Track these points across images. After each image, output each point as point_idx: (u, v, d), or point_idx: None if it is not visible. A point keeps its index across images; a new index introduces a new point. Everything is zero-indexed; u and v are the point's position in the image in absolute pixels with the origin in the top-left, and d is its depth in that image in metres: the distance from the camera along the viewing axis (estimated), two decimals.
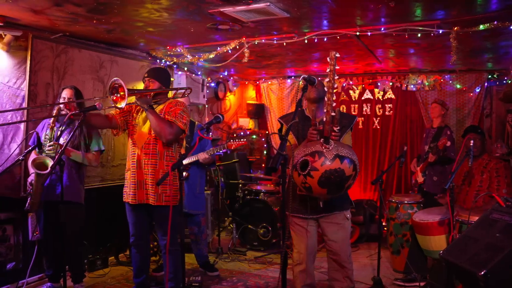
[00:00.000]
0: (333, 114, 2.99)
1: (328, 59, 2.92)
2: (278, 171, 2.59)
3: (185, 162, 4.52)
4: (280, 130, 3.50)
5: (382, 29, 4.21)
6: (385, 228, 5.22)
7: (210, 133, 4.82)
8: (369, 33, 4.29)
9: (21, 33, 4.06)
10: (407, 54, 5.48)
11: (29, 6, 3.56)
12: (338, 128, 3.07)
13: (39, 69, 4.28)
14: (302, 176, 2.97)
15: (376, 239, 4.56)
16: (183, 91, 3.93)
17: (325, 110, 2.96)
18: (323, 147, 2.96)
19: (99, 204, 4.99)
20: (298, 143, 3.33)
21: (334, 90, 3.18)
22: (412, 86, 6.61)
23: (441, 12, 3.77)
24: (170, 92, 4.14)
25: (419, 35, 4.20)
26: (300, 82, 3.12)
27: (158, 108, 3.60)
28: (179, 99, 3.81)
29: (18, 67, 4.17)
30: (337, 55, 3.05)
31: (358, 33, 4.32)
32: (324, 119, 2.95)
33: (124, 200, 3.67)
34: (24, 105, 4.19)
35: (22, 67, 4.18)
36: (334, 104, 2.98)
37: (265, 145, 7.66)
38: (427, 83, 6.52)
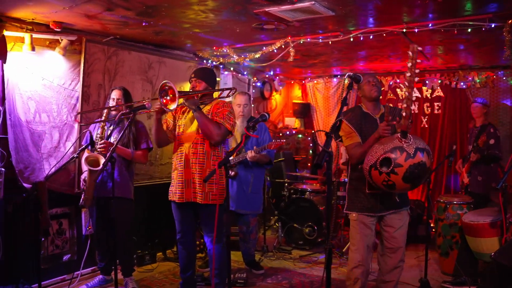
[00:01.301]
0: (413, 108, 2.95)
1: (409, 52, 2.86)
2: (323, 168, 2.59)
3: (234, 160, 4.55)
4: (338, 127, 3.44)
5: (430, 25, 4.10)
6: (433, 229, 5.10)
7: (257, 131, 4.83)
8: (416, 30, 4.19)
9: (75, 38, 4.25)
10: (456, 50, 5.33)
11: (84, 12, 3.73)
12: (411, 121, 3.07)
13: (91, 71, 4.47)
14: (384, 174, 2.93)
15: (423, 240, 4.46)
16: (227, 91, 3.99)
17: (404, 105, 2.88)
18: (403, 142, 2.91)
19: (148, 201, 5.15)
20: (362, 140, 3.30)
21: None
22: (462, 83, 6.41)
23: (494, 5, 3.64)
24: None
25: (469, 30, 4.06)
26: (346, 80, 3.11)
27: (205, 109, 3.67)
28: (225, 100, 3.87)
29: (73, 69, 4.37)
30: (419, 48, 3.01)
31: (404, 30, 4.24)
32: (404, 113, 2.88)
33: (169, 198, 3.77)
34: (78, 105, 4.38)
35: (76, 70, 4.38)
36: (414, 98, 2.93)
37: (310, 144, 7.64)
38: (478, 80, 6.30)
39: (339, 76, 7.42)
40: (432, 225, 5.18)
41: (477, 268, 4.24)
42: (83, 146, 3.75)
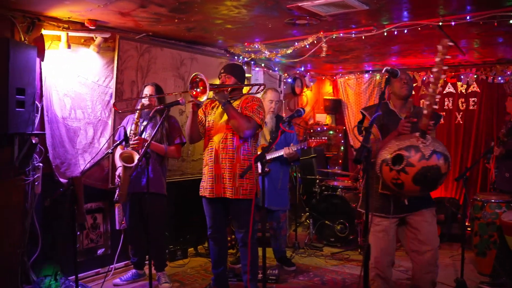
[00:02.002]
0: (435, 106, 2.79)
1: (439, 47, 2.75)
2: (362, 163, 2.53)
3: (268, 157, 4.56)
4: (361, 121, 3.38)
5: (468, 17, 3.97)
6: (469, 228, 4.96)
7: (292, 127, 4.82)
8: (453, 23, 4.07)
9: (109, 35, 4.31)
10: (494, 43, 5.16)
11: (117, 9, 3.77)
12: (433, 122, 2.93)
13: (125, 68, 4.52)
14: (394, 172, 2.83)
15: (458, 239, 4.35)
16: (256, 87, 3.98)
17: (427, 103, 2.77)
18: (420, 142, 2.81)
19: (179, 197, 5.19)
20: (381, 136, 3.21)
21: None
22: (499, 78, 6.21)
23: None
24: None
25: (510, 21, 3.92)
26: (378, 76, 3.03)
27: (235, 104, 3.67)
28: (254, 95, 3.86)
29: (107, 66, 4.43)
30: (450, 44, 2.84)
31: (441, 24, 4.12)
32: (425, 111, 2.77)
33: (200, 194, 3.78)
34: (111, 102, 4.44)
35: (110, 67, 4.44)
36: (438, 97, 2.81)
37: (342, 141, 7.56)
38: None
39: (370, 72, 7.30)
40: (467, 223, 5.04)
41: None
42: (117, 142, 3.79)
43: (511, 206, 4.42)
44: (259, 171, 4.53)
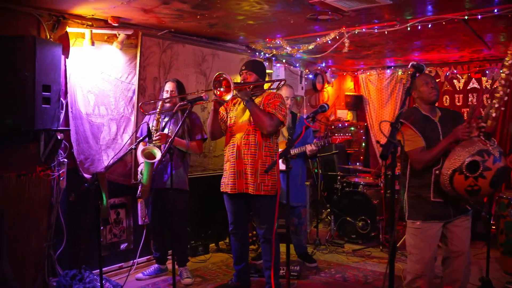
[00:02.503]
0: (503, 108, 2.82)
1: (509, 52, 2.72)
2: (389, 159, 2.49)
3: (292, 153, 4.56)
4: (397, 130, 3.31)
5: (495, 10, 3.88)
6: (494, 227, 4.87)
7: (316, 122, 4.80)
8: (479, 16, 3.98)
9: (132, 32, 4.35)
10: None
11: (140, 6, 3.80)
12: (495, 123, 2.93)
13: (147, 65, 4.56)
14: (471, 179, 2.81)
15: (482, 237, 4.27)
16: (277, 83, 3.98)
17: (496, 105, 2.77)
18: (488, 145, 2.81)
19: (201, 193, 5.22)
20: (427, 145, 3.11)
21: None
22: None
23: None
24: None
25: None
26: (399, 72, 2.98)
27: (257, 100, 3.68)
28: (276, 92, 3.85)
29: (129, 63, 4.47)
30: None
31: (466, 17, 4.04)
32: (494, 114, 2.77)
33: (222, 190, 3.80)
34: (134, 98, 4.49)
35: (133, 63, 4.48)
36: (506, 98, 2.80)
37: (363, 137, 7.50)
38: None
39: (392, 68, 7.21)
40: (492, 222, 4.95)
41: None
42: (141, 138, 3.83)
43: None
44: (281, 168, 4.56)
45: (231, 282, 4.04)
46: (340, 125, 7.35)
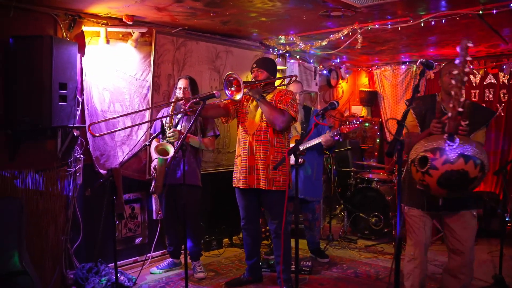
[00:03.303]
0: (460, 110, 2.66)
1: (457, 48, 2.64)
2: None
3: (303, 147, 4.58)
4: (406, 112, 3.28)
5: (511, 5, 3.85)
6: (509, 224, 4.84)
7: (325, 119, 4.81)
8: (494, 11, 3.92)
9: (146, 30, 4.41)
10: None
11: (154, 4, 3.86)
12: (467, 122, 2.81)
13: (161, 62, 4.62)
14: (420, 173, 2.81)
15: (497, 234, 4.24)
16: (288, 79, 4.00)
17: (450, 105, 2.69)
18: (446, 144, 2.73)
19: (215, 189, 5.28)
20: (420, 131, 3.16)
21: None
22: None
23: None
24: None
25: None
26: (415, 67, 2.95)
27: (268, 97, 3.72)
28: (287, 88, 3.89)
29: (144, 60, 4.54)
30: (470, 44, 2.65)
31: (481, 12, 4.00)
32: (450, 114, 2.69)
33: (234, 185, 3.86)
34: (149, 95, 4.56)
35: (147, 61, 4.55)
36: (462, 99, 2.65)
37: (377, 133, 7.47)
38: None
39: (407, 63, 7.16)
40: (508, 219, 4.91)
41: None
42: (154, 135, 3.90)
43: None
44: (292, 162, 4.60)
45: (243, 277, 4.09)
46: (354, 121, 7.30)
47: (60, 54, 3.59)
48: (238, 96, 3.39)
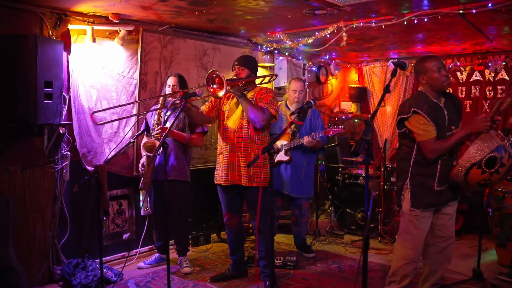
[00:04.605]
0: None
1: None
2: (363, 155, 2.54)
3: (290, 146, 4.64)
4: (406, 119, 3.18)
5: (489, 5, 3.88)
6: (490, 220, 4.92)
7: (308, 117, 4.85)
8: (474, 11, 3.99)
9: (133, 28, 4.46)
10: None
11: (139, 3, 3.90)
12: None
13: (148, 59, 4.67)
14: (487, 174, 2.91)
15: (483, 229, 4.33)
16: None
17: (510, 99, 2.82)
18: (505, 141, 2.90)
19: (203, 184, 5.33)
20: (438, 135, 3.08)
21: None
22: None
23: None
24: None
25: None
26: (393, 65, 2.97)
27: (249, 95, 3.78)
28: (268, 87, 3.95)
29: (131, 58, 4.59)
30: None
31: (461, 11, 4.06)
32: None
33: (215, 182, 3.93)
34: (136, 92, 4.61)
35: (134, 58, 4.59)
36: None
37: None
38: None
39: (397, 60, 7.21)
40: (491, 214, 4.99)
41: None
42: (139, 132, 3.95)
43: None
44: (278, 159, 4.66)
45: (228, 272, 4.17)
46: (343, 117, 7.40)
47: (46, 52, 3.63)
48: (221, 93, 3.45)
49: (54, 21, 4.01)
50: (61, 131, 3.96)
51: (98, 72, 4.36)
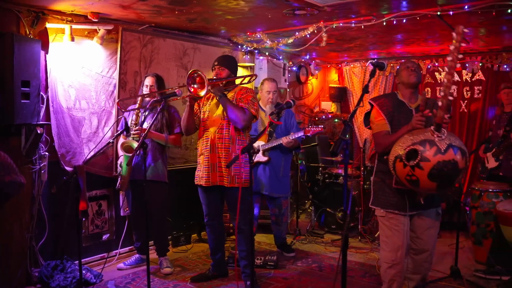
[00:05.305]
0: (450, 98, 2.66)
1: (453, 34, 2.61)
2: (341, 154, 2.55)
3: (268, 146, 4.66)
4: (368, 113, 3.30)
5: (466, 7, 3.95)
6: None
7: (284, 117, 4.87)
8: (451, 13, 4.06)
9: (112, 27, 4.42)
10: (499, 31, 5.09)
11: (118, 2, 3.86)
12: (449, 115, 2.84)
13: (128, 59, 4.63)
14: (408, 168, 2.73)
15: (460, 227, 4.41)
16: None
17: (442, 94, 2.65)
18: (435, 136, 2.70)
19: (183, 184, 5.30)
20: (392, 130, 3.11)
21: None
22: (505, 66, 6.16)
23: None
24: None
25: (509, 11, 3.91)
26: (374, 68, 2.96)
27: (229, 95, 3.78)
28: (248, 86, 3.95)
29: (110, 58, 4.54)
30: (466, 30, 2.66)
31: (439, 13, 4.13)
32: (440, 103, 2.66)
33: (196, 183, 3.92)
34: (115, 92, 4.57)
35: (113, 58, 4.55)
36: (454, 87, 2.73)
37: None
38: None
39: (376, 60, 7.28)
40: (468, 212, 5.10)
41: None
42: (118, 132, 3.91)
43: (508, 195, 4.46)
44: (257, 160, 4.67)
45: (209, 272, 4.16)
46: (323, 116, 7.45)
47: (23, 51, 3.58)
48: (202, 93, 3.44)
49: (31, 19, 3.94)
50: (39, 131, 3.89)
51: (77, 71, 4.31)
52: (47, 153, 4.11)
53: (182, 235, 5.19)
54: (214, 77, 3.76)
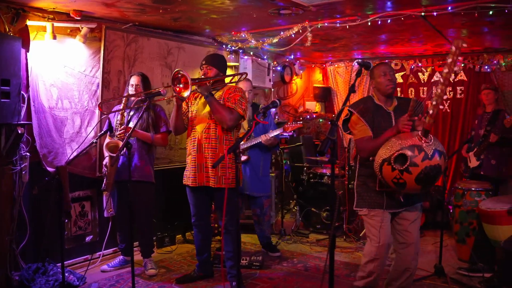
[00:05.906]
0: (442, 107, 2.74)
1: (452, 47, 2.68)
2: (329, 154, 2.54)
3: (246, 145, 4.64)
4: (347, 119, 3.31)
5: (449, 8, 4.01)
6: (451, 217, 5.08)
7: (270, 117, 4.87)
8: (435, 13, 4.12)
9: (95, 25, 4.34)
10: (480, 33, 5.18)
11: (101, 0, 3.80)
12: (433, 121, 2.85)
13: (111, 58, 4.56)
14: (397, 171, 2.80)
15: (444, 226, 4.45)
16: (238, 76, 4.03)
17: (434, 103, 2.70)
18: (423, 141, 2.78)
19: (168, 185, 5.27)
20: (373, 134, 3.15)
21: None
22: (486, 67, 6.25)
23: None
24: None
25: (490, 12, 3.96)
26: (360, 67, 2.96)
27: (217, 95, 3.74)
28: (236, 85, 3.92)
29: (93, 56, 4.47)
30: (464, 45, 2.76)
31: (423, 14, 4.17)
32: (431, 112, 2.71)
33: (184, 183, 3.88)
34: (99, 91, 4.50)
35: (97, 57, 4.48)
36: (445, 97, 2.77)
37: None
38: (504, 64, 6.12)
39: (362, 60, 7.33)
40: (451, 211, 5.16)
41: (494, 255, 4.21)
42: (102, 132, 3.85)
43: (490, 194, 4.52)
44: (243, 158, 4.65)
45: (194, 273, 4.12)
46: (308, 116, 7.46)
47: (2, 49, 3.49)
48: (186, 94, 3.40)
49: (11, 16, 3.85)
50: (19, 131, 3.81)
51: (59, 70, 4.23)
52: (28, 154, 4.02)
53: (167, 236, 5.14)
54: (202, 76, 3.72)
